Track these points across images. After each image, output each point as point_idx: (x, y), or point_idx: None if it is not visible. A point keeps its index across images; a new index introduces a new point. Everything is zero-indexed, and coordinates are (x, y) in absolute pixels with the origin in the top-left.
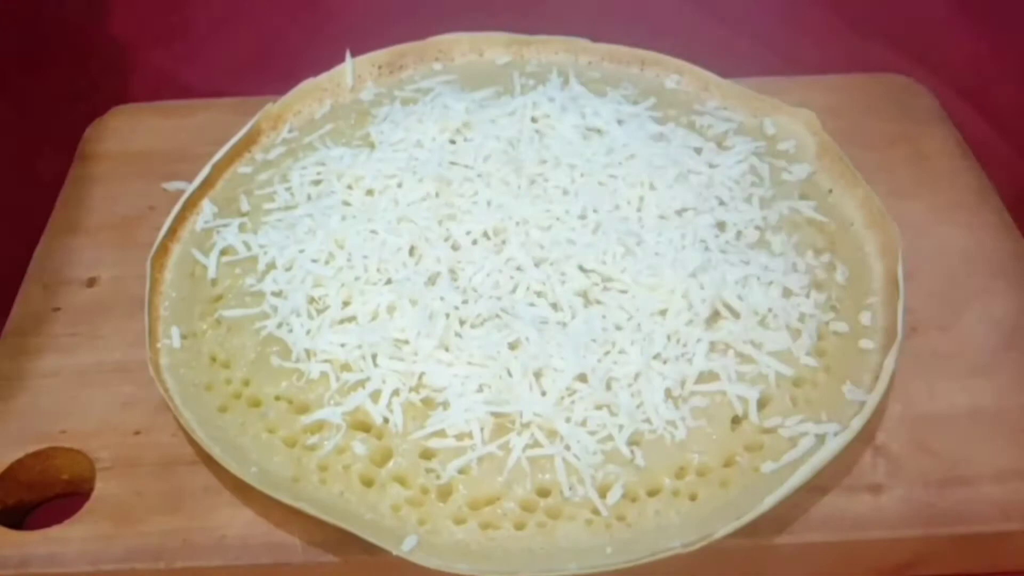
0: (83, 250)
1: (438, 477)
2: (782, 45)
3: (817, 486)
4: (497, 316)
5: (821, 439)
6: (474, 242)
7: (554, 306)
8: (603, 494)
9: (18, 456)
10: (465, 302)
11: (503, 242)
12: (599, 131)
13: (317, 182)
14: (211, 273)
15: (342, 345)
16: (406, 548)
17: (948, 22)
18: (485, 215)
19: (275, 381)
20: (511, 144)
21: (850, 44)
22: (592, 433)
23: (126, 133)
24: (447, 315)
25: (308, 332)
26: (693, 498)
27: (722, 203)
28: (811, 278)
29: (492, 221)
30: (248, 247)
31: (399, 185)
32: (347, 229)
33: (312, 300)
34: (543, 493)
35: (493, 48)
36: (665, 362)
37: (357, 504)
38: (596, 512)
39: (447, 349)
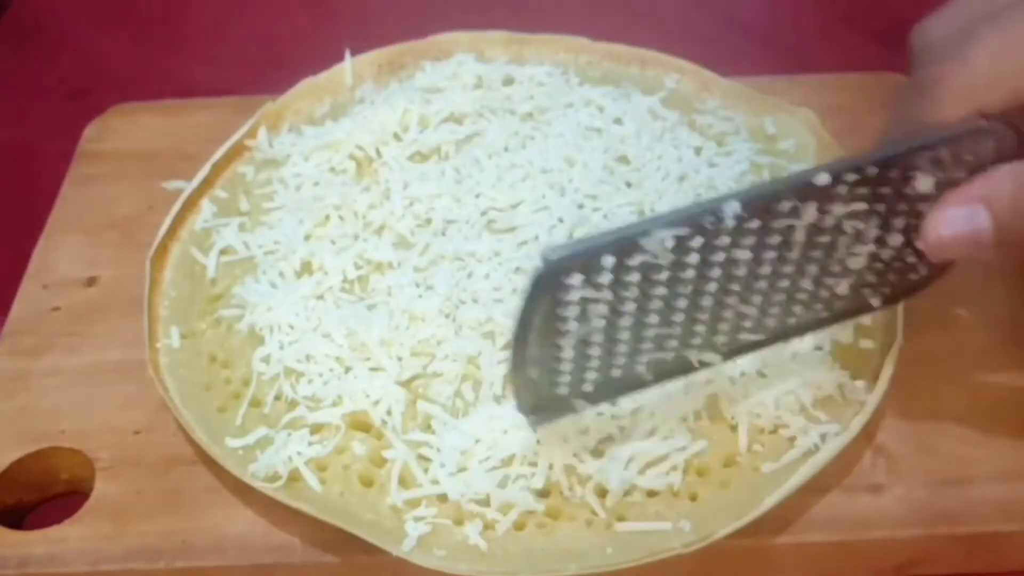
0: (83, 250)
1: (437, 478)
2: (782, 45)
3: (817, 486)
4: (496, 319)
5: (821, 439)
6: (472, 242)
7: None
8: (602, 495)
9: (18, 456)
10: (463, 303)
11: (500, 242)
12: (598, 130)
13: (316, 183)
14: (211, 273)
15: (341, 346)
16: (406, 548)
17: None
18: (485, 217)
19: (274, 381)
20: (509, 144)
21: (850, 44)
22: (592, 434)
23: (126, 133)
24: (448, 316)
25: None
26: (693, 498)
27: None
28: None
29: (490, 221)
30: (248, 247)
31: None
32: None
33: None
34: (543, 494)
35: (493, 48)
36: None
37: (357, 504)
38: (596, 512)
39: (446, 352)
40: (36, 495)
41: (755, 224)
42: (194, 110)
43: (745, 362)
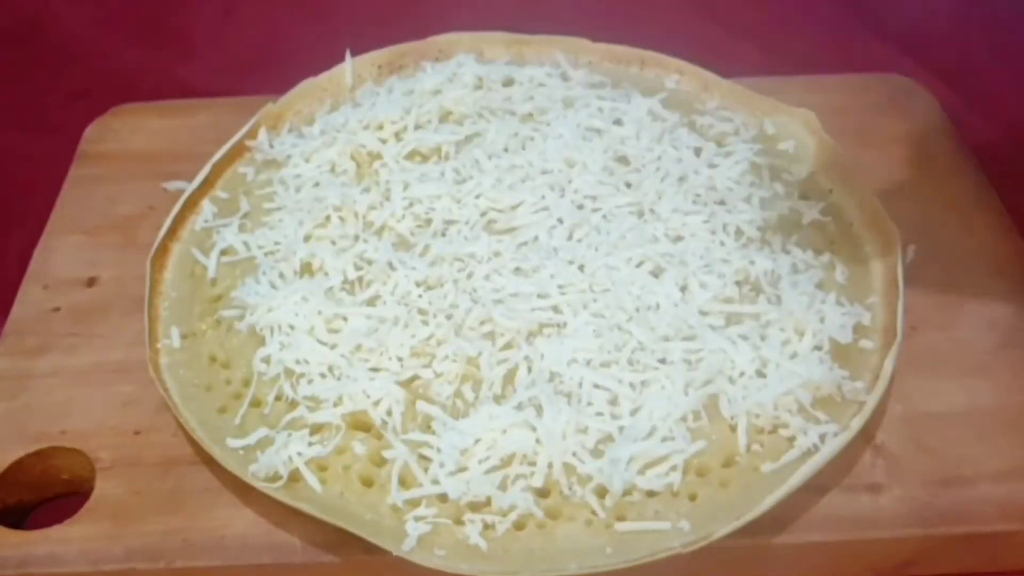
0: (83, 250)
1: (437, 478)
2: (782, 45)
3: (817, 486)
4: (496, 319)
5: (820, 439)
6: (472, 243)
7: (555, 308)
8: (602, 495)
9: (18, 456)
10: (463, 303)
11: (500, 242)
12: (598, 131)
13: (317, 184)
14: (211, 273)
15: (341, 347)
16: (406, 548)
17: (948, 22)
18: (485, 218)
19: (274, 382)
20: (509, 145)
21: (850, 44)
22: (592, 434)
23: (126, 133)
24: (448, 316)
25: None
26: (693, 498)
27: (722, 203)
28: (811, 278)
29: (491, 222)
30: (248, 247)
31: (395, 192)
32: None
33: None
34: (543, 493)
35: (493, 48)
36: (665, 362)
37: (357, 504)
38: (596, 512)
39: (446, 353)
40: (36, 495)
41: None
42: (194, 110)
43: (744, 362)
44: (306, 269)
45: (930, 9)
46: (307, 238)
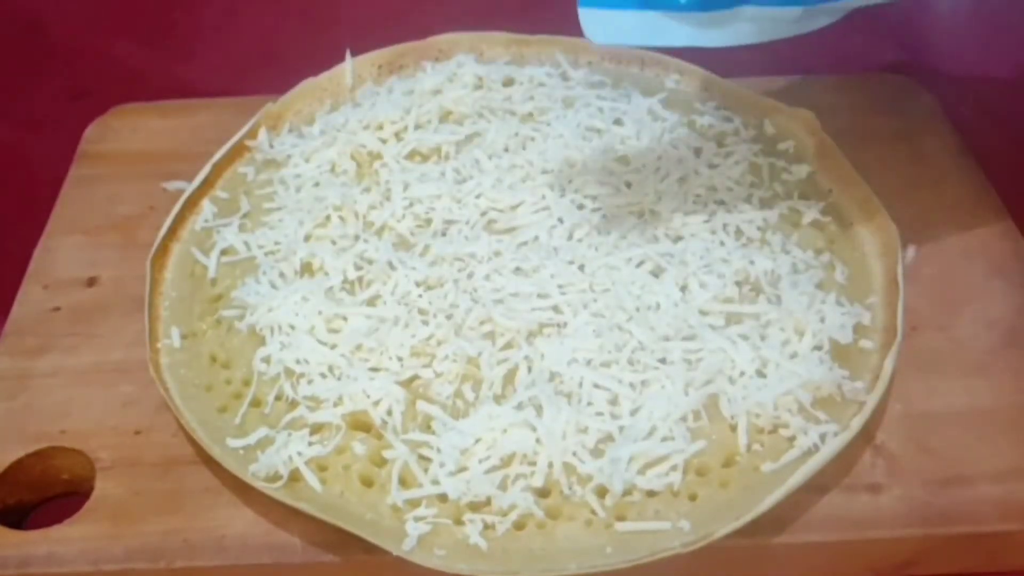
0: (83, 250)
1: (437, 478)
2: (782, 45)
3: (817, 486)
4: (496, 319)
5: (821, 439)
6: (472, 243)
7: (555, 308)
8: (602, 495)
9: (18, 456)
10: (463, 303)
11: (500, 242)
12: (598, 131)
13: (317, 183)
14: (211, 273)
15: (341, 347)
16: (406, 548)
17: (947, 21)
18: (485, 217)
19: (274, 382)
20: (509, 144)
21: (850, 44)
22: (592, 434)
23: (126, 133)
24: (448, 316)
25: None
26: (693, 498)
27: (722, 203)
28: (811, 278)
29: (491, 222)
30: (248, 247)
31: (395, 193)
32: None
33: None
34: (543, 493)
35: (493, 48)
36: (665, 362)
37: (357, 504)
38: (596, 512)
39: (446, 353)
40: (36, 495)
41: None
42: (195, 110)
43: (744, 362)
44: (306, 269)
45: (929, 9)
46: (307, 238)
